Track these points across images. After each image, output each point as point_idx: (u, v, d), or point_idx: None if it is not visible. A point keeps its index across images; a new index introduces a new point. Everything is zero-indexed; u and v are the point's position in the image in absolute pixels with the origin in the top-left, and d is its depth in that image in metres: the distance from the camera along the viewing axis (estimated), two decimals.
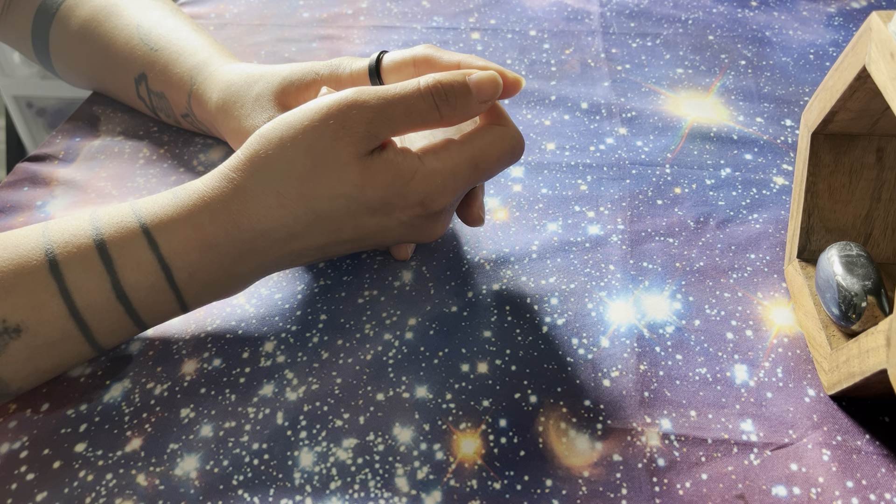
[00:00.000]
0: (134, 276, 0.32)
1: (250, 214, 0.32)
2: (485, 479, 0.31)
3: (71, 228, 0.32)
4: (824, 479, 0.31)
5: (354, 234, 0.35)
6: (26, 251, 0.31)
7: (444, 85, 0.33)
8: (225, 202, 0.33)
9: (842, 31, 0.59)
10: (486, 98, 0.34)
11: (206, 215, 0.32)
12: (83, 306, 0.31)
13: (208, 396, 0.34)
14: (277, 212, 0.33)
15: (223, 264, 0.33)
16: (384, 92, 0.33)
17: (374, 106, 0.32)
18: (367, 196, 0.33)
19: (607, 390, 0.34)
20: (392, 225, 0.35)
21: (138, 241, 0.32)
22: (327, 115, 0.32)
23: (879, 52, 0.29)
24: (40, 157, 0.47)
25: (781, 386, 0.34)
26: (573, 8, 0.63)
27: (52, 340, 0.32)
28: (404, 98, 0.33)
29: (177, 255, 0.32)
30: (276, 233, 0.33)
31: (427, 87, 0.33)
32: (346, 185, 0.32)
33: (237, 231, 0.33)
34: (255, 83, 0.41)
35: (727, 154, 0.47)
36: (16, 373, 0.32)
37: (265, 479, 0.31)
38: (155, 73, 0.46)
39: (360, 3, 0.64)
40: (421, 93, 0.33)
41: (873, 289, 0.31)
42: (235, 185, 0.33)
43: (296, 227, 0.33)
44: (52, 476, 0.31)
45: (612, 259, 0.40)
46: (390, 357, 0.36)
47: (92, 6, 0.48)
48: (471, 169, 0.34)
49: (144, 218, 0.32)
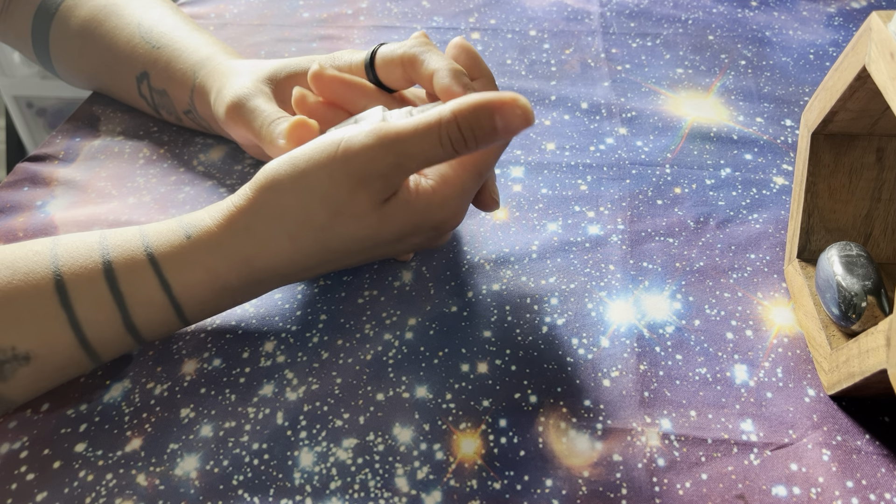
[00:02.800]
0: (145, 314, 0.32)
1: (265, 257, 0.33)
2: (485, 479, 0.31)
3: (80, 256, 0.32)
4: (824, 479, 0.31)
5: (366, 258, 0.35)
6: (36, 278, 0.31)
7: (464, 128, 0.30)
8: (239, 248, 0.32)
9: (842, 31, 0.59)
10: (513, 130, 0.30)
11: (220, 260, 0.32)
12: (93, 338, 0.32)
13: (208, 396, 0.34)
14: (292, 254, 0.33)
15: (234, 298, 0.34)
16: (401, 139, 0.30)
17: (390, 161, 0.31)
18: (384, 236, 0.33)
19: (607, 390, 0.34)
20: (404, 248, 0.36)
21: (150, 281, 0.32)
22: (343, 166, 0.31)
23: (879, 52, 0.29)
24: (40, 157, 0.47)
25: (781, 386, 0.34)
26: (573, 8, 0.63)
27: (61, 366, 0.32)
28: (422, 146, 0.31)
29: (189, 296, 0.32)
30: (287, 269, 0.33)
31: (446, 132, 0.30)
32: (364, 230, 0.33)
33: (250, 272, 0.33)
34: (255, 69, 0.42)
35: (727, 154, 0.47)
36: (22, 393, 0.32)
37: (265, 479, 0.31)
38: (157, 70, 0.46)
39: (360, 3, 0.64)
40: (440, 139, 0.30)
41: (873, 289, 0.31)
42: (250, 231, 0.32)
43: (309, 263, 0.34)
44: (52, 476, 0.31)
45: (612, 259, 0.40)
46: (390, 357, 0.36)
47: (92, 6, 0.48)
48: (476, 179, 0.34)
49: (156, 255, 0.32)
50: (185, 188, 0.45)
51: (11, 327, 0.30)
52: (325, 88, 0.38)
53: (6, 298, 0.30)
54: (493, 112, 0.30)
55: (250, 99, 0.39)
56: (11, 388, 0.31)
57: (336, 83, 0.38)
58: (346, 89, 0.38)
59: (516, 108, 0.29)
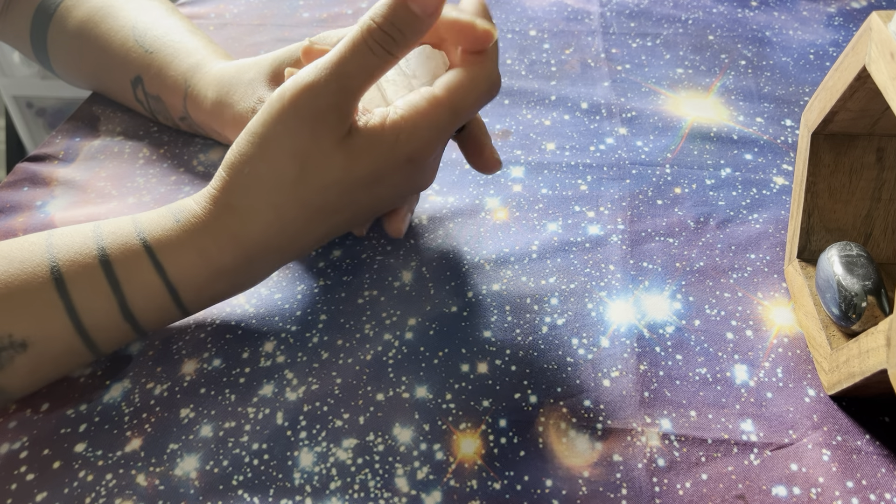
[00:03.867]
0: (142, 299, 0.32)
1: (250, 232, 0.33)
2: (485, 479, 0.31)
3: (75, 245, 0.32)
4: (824, 479, 0.31)
5: (352, 212, 0.35)
6: (32, 267, 0.31)
7: (385, 27, 0.31)
8: (225, 226, 0.32)
9: (842, 31, 0.59)
10: (432, 11, 0.31)
11: (210, 240, 0.32)
12: (90, 325, 0.32)
13: (208, 396, 0.34)
14: (277, 223, 0.33)
15: (229, 280, 0.34)
16: (336, 63, 0.31)
17: (333, 87, 0.31)
18: (357, 174, 0.33)
19: (607, 390, 0.34)
20: (386, 191, 0.35)
21: (144, 265, 0.32)
22: (293, 111, 0.31)
23: (879, 52, 0.29)
24: (40, 157, 0.47)
25: (781, 386, 0.34)
26: (573, 8, 0.63)
27: (58, 354, 0.32)
28: (356, 60, 0.31)
29: (183, 278, 0.32)
30: (277, 241, 0.33)
31: (367, 34, 0.31)
32: (335, 172, 0.32)
33: (241, 250, 0.33)
34: (248, 70, 0.42)
35: (727, 154, 0.47)
36: (19, 383, 0.32)
37: (265, 480, 0.31)
38: (150, 75, 0.46)
39: (360, 3, 0.64)
40: (369, 47, 0.31)
41: (873, 289, 0.31)
42: (231, 208, 0.32)
43: (294, 228, 0.33)
44: (52, 476, 0.31)
45: (612, 259, 0.40)
46: (390, 357, 0.36)
47: (89, 6, 0.48)
48: (451, 117, 0.33)
49: (149, 240, 0.32)
50: (185, 188, 0.45)
51: (8, 315, 0.30)
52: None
53: (2, 287, 0.30)
54: (406, 0, 0.30)
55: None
56: (9, 377, 0.31)
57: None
58: None
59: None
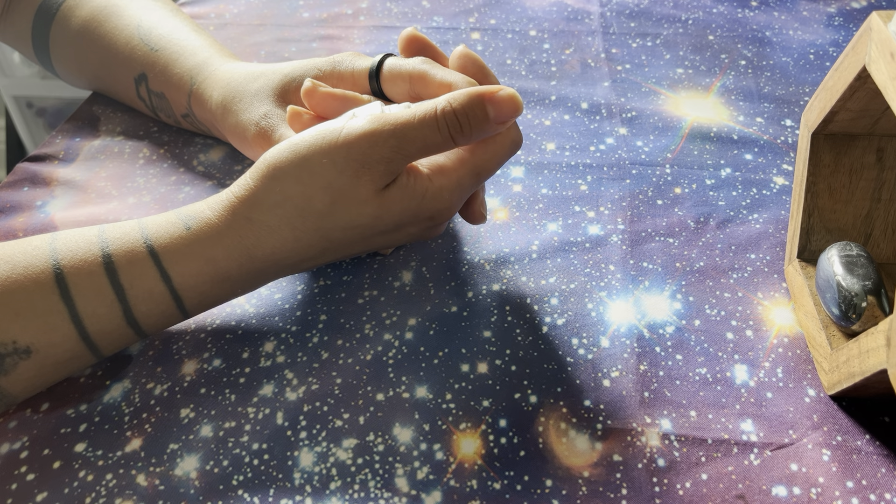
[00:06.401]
0: (145, 305, 0.32)
1: (265, 247, 0.33)
2: (485, 479, 0.31)
3: (80, 250, 0.32)
4: (824, 479, 0.31)
5: (362, 249, 0.36)
6: (35, 272, 0.31)
7: (460, 115, 0.32)
8: (239, 238, 0.32)
9: (842, 31, 0.59)
10: (505, 120, 0.33)
11: (220, 250, 0.32)
12: (93, 331, 0.32)
13: (208, 396, 0.34)
14: (293, 244, 0.33)
15: (233, 289, 0.34)
16: (401, 125, 0.32)
17: (391, 144, 0.32)
18: (383, 223, 0.33)
19: (607, 390, 0.34)
20: (400, 238, 0.36)
21: (150, 273, 0.32)
22: (346, 151, 0.31)
23: (879, 52, 0.29)
24: (40, 157, 0.47)
25: (781, 386, 0.34)
26: (573, 8, 0.63)
27: (61, 359, 0.32)
28: (422, 131, 0.32)
29: (189, 287, 0.32)
30: (288, 260, 0.34)
31: (444, 119, 0.32)
32: (364, 218, 0.33)
33: (250, 263, 0.33)
34: (256, 79, 0.41)
35: (727, 154, 0.47)
36: (23, 388, 0.32)
37: (265, 479, 0.31)
38: (155, 73, 0.46)
39: (360, 3, 0.64)
40: (438, 125, 0.32)
41: (873, 289, 0.31)
42: (250, 221, 0.32)
43: (308, 253, 0.34)
44: (52, 476, 0.31)
45: (612, 259, 0.40)
46: (390, 357, 0.36)
47: (92, 6, 0.48)
48: (474, 178, 0.35)
49: (155, 247, 0.32)
50: (185, 188, 0.45)
51: (12, 321, 0.30)
52: (317, 105, 0.38)
53: (6, 293, 0.30)
54: (485, 101, 0.33)
55: (276, 129, 0.39)
56: (12, 382, 0.31)
57: (328, 99, 0.38)
58: (340, 104, 0.38)
59: (505, 97, 0.33)
